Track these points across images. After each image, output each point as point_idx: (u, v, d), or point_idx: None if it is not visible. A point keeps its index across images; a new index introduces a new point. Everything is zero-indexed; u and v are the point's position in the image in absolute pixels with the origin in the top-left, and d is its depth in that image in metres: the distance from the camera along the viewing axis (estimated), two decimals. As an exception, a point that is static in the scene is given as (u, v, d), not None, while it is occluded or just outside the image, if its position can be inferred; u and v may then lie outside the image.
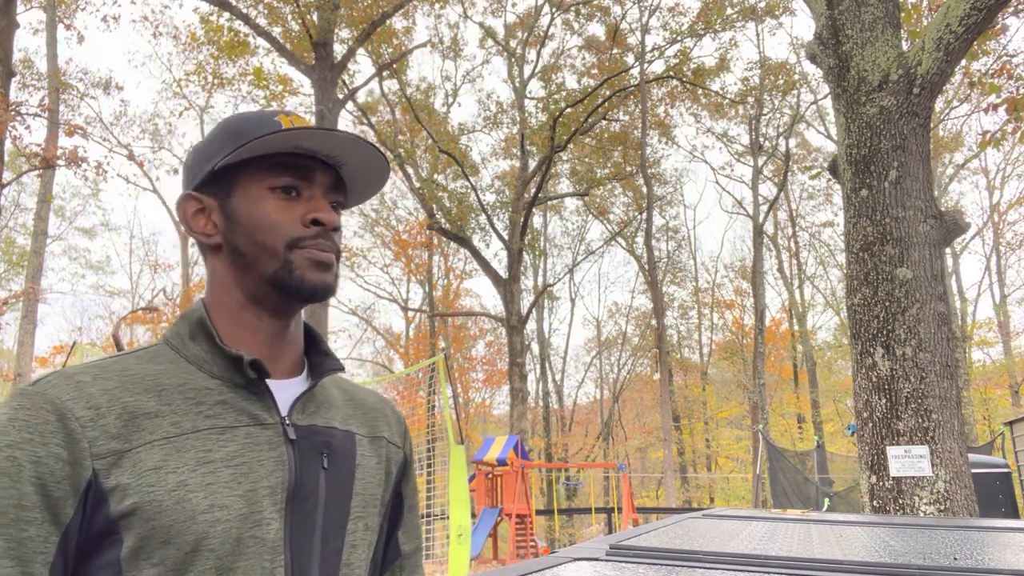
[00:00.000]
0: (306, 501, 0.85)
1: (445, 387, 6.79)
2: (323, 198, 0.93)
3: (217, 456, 0.80)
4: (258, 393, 0.87)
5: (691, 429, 31.52)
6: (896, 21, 5.07)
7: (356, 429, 0.97)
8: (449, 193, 19.86)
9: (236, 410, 0.85)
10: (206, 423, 0.82)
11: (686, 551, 1.24)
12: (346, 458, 0.92)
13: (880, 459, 4.41)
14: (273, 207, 0.90)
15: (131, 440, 0.78)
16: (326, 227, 0.91)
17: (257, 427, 0.85)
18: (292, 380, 0.94)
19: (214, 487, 0.79)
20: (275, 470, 0.84)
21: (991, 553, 1.25)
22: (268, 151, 0.91)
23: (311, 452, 0.88)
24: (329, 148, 0.92)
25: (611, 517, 14.52)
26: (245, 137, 0.89)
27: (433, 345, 28.12)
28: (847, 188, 4.96)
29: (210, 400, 0.84)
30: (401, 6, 14.29)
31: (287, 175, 0.91)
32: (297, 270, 0.89)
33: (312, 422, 0.91)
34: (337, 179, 0.96)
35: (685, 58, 20.52)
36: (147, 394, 0.81)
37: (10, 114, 9.69)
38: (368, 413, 1.02)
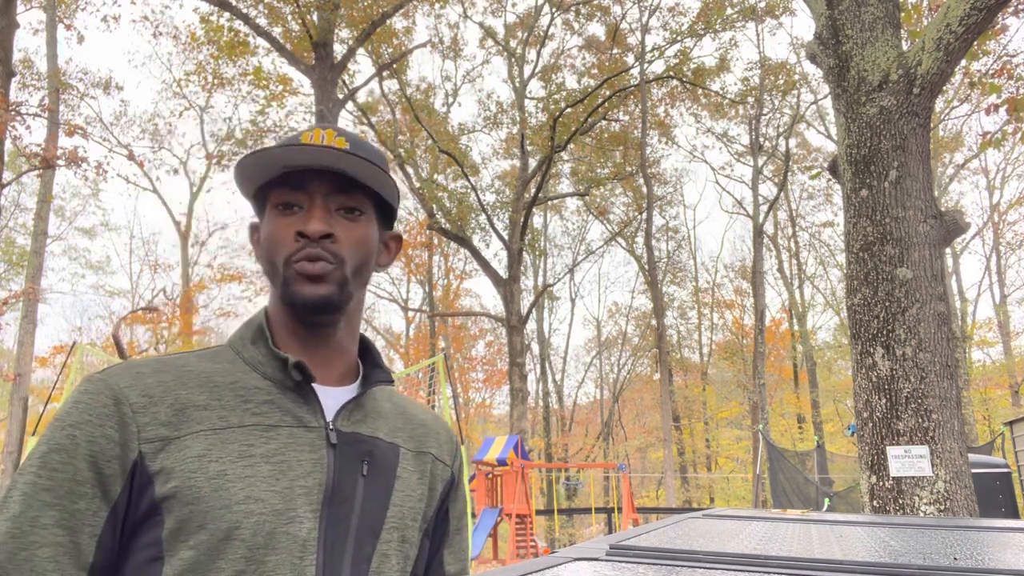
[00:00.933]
0: (342, 504, 0.87)
1: (445, 387, 6.79)
2: (319, 207, 0.93)
3: (258, 451, 0.84)
4: (305, 397, 0.91)
5: (691, 429, 31.52)
6: (896, 21, 5.07)
7: (402, 443, 0.99)
8: (449, 193, 19.86)
9: (282, 410, 0.89)
10: (252, 419, 0.86)
11: (686, 551, 1.24)
12: (386, 468, 0.94)
13: (880, 459, 4.41)
14: (276, 225, 0.94)
15: (180, 428, 0.83)
16: (311, 237, 0.91)
17: (301, 428, 0.88)
18: (342, 388, 0.97)
19: (252, 480, 0.82)
20: (313, 471, 0.86)
21: (991, 553, 1.25)
22: (266, 177, 0.95)
23: (352, 458, 0.91)
24: (314, 161, 0.92)
25: (611, 517, 14.52)
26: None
27: (433, 345, 28.13)
28: (847, 188, 4.96)
29: (258, 399, 0.88)
30: (401, 6, 14.29)
31: (283, 192, 0.94)
32: (292, 285, 0.91)
33: (356, 430, 0.93)
34: (343, 182, 0.95)
35: (685, 58, 20.52)
36: (200, 388, 0.87)
37: (10, 114, 9.69)
38: (418, 429, 1.03)
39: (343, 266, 0.94)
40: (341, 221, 0.95)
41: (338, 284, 0.93)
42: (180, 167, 27.05)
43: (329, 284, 0.92)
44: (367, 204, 0.98)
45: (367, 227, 0.98)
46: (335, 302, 0.93)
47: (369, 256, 0.98)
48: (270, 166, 0.93)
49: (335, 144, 0.95)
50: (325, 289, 0.92)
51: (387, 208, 1.03)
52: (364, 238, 0.97)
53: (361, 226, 0.97)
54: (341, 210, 0.95)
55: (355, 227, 0.96)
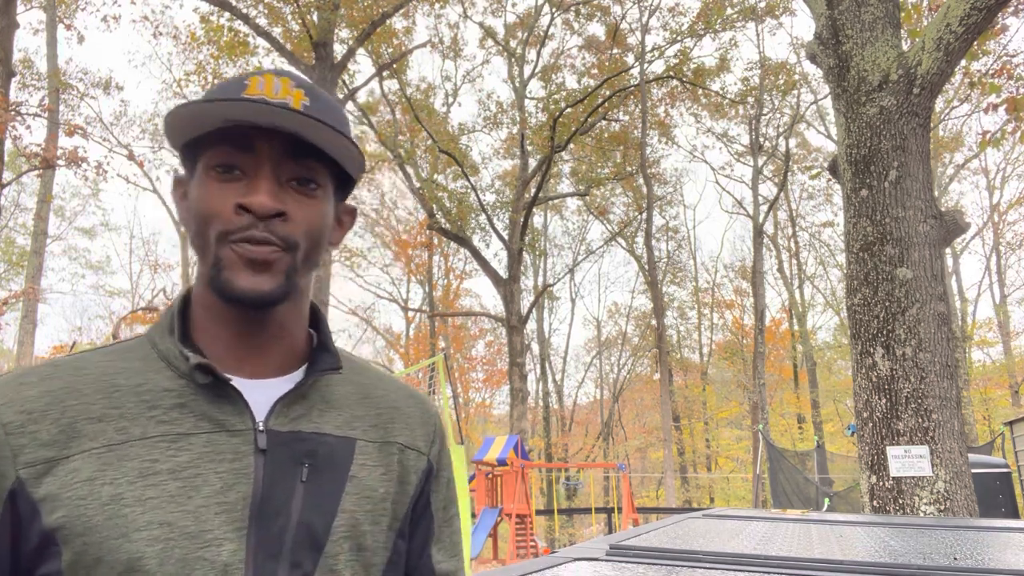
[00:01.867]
0: (275, 519, 0.74)
1: (445, 387, 6.79)
2: (269, 176, 0.77)
3: (164, 467, 0.71)
4: (227, 396, 0.76)
5: (691, 429, 31.52)
6: (896, 21, 5.07)
7: (360, 435, 0.84)
8: (449, 193, 19.86)
9: (197, 415, 0.75)
10: (157, 429, 0.73)
11: (686, 551, 1.24)
12: (335, 469, 0.80)
13: (880, 459, 4.41)
14: (211, 192, 0.77)
15: (68, 447, 0.70)
16: (258, 215, 0.75)
17: (222, 434, 0.75)
18: (282, 379, 0.82)
19: (156, 501, 0.70)
20: (236, 483, 0.73)
21: (991, 553, 1.25)
22: (201, 129, 0.78)
23: (287, 463, 0.77)
24: (262, 119, 0.76)
25: (611, 517, 14.53)
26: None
27: (433, 345, 28.13)
28: (847, 188, 4.96)
29: (167, 403, 0.75)
30: (401, 6, 14.30)
31: (223, 149, 0.78)
32: (225, 270, 0.76)
33: (296, 428, 0.79)
34: (299, 146, 0.78)
35: (685, 58, 20.52)
36: (96, 396, 0.73)
37: (10, 114, 9.70)
38: (384, 414, 0.88)
39: (294, 253, 0.78)
40: (293, 195, 0.79)
41: (285, 275, 0.78)
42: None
43: (274, 275, 0.77)
44: (324, 175, 0.82)
45: (323, 203, 0.82)
46: (279, 296, 0.77)
47: (323, 238, 0.83)
48: (209, 118, 0.76)
49: (291, 99, 0.78)
50: (269, 282, 0.76)
51: (345, 178, 0.87)
52: (319, 216, 0.81)
53: (317, 202, 0.81)
54: (293, 181, 0.79)
55: (310, 204, 0.80)
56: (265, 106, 0.74)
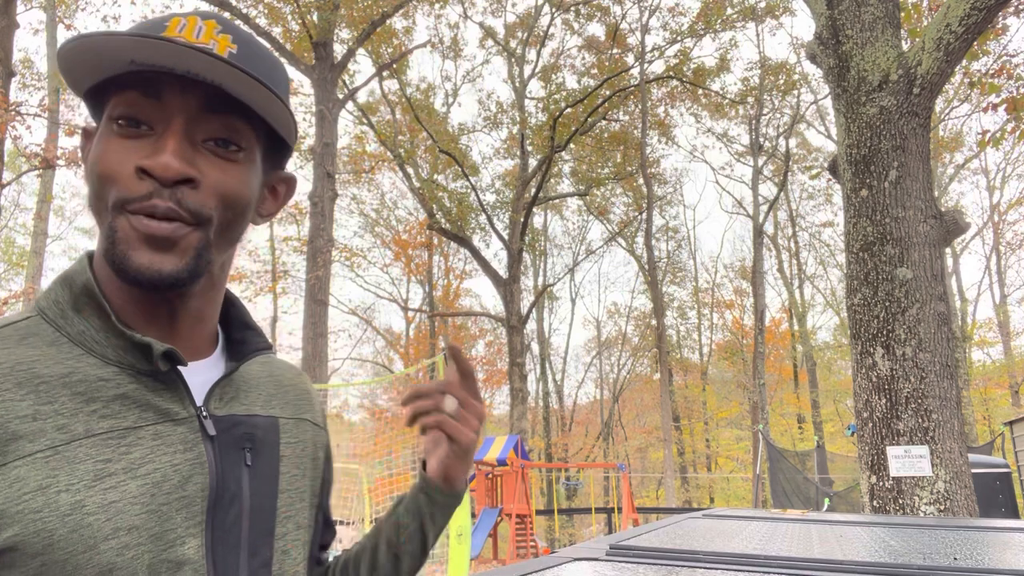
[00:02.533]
0: (229, 509, 0.70)
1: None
2: (179, 132, 0.67)
3: (118, 467, 0.64)
4: (167, 381, 0.69)
5: (691, 429, 31.52)
6: (896, 21, 5.07)
7: (279, 412, 0.81)
8: (449, 193, 19.86)
9: (140, 405, 0.67)
10: (102, 425, 0.64)
11: (686, 551, 1.24)
12: (270, 450, 0.77)
13: (880, 459, 4.41)
14: (110, 148, 0.67)
15: (4, 454, 0.60)
16: (162, 181, 0.65)
17: (167, 424, 0.68)
18: (203, 361, 0.75)
19: (118, 505, 0.62)
20: (192, 475, 0.68)
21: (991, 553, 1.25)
22: (102, 75, 0.67)
23: (232, 448, 0.72)
24: (178, 63, 0.65)
25: (611, 517, 14.52)
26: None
27: (433, 345, 28.13)
28: (847, 188, 4.96)
29: (106, 395, 0.66)
30: (401, 6, 14.30)
31: (128, 97, 0.67)
32: (119, 244, 0.65)
33: (231, 411, 0.74)
34: (217, 99, 0.68)
35: (685, 58, 20.53)
36: (20, 390, 0.62)
37: (10, 114, 9.70)
38: (290, 391, 0.86)
39: (205, 228, 0.68)
40: (209, 158, 0.68)
41: (194, 254, 0.67)
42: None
43: (179, 254, 0.67)
44: (249, 136, 0.71)
45: (246, 168, 0.71)
46: (184, 279, 0.67)
47: (246, 209, 0.72)
48: (112, 59, 0.65)
49: (215, 44, 0.68)
50: (172, 263, 0.66)
51: (278, 142, 0.76)
52: (240, 184, 0.70)
53: (238, 167, 0.70)
54: (211, 141, 0.69)
55: (229, 168, 0.69)
56: (180, 47, 0.63)
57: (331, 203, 12.95)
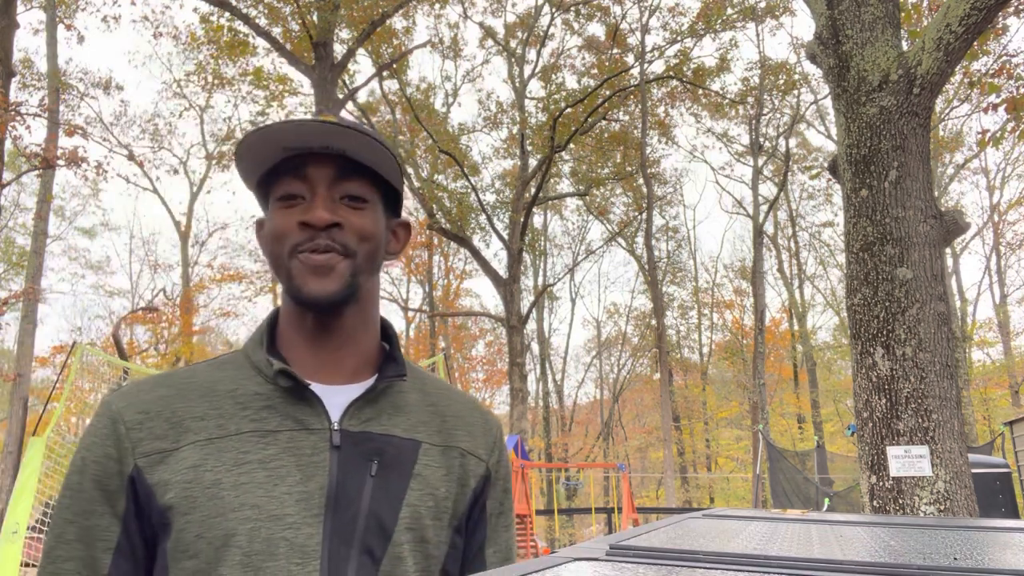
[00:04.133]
0: (347, 508, 0.85)
1: (445, 387, 6.79)
2: (324, 195, 0.90)
3: (254, 458, 0.83)
4: (307, 399, 0.88)
5: (691, 429, 31.51)
6: (896, 21, 5.07)
7: (425, 437, 0.94)
8: (449, 193, 19.86)
9: (282, 415, 0.87)
10: (250, 426, 0.85)
11: (686, 551, 1.24)
12: (401, 466, 0.90)
13: (880, 459, 4.41)
14: (279, 218, 0.90)
15: (178, 440, 0.84)
16: (315, 227, 0.88)
17: (303, 432, 0.86)
18: (355, 385, 0.93)
19: (247, 487, 0.82)
20: (315, 475, 0.84)
21: (991, 553, 1.25)
22: (266, 163, 0.91)
23: (358, 459, 0.87)
24: (313, 139, 0.89)
25: (611, 517, 14.52)
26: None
27: (433, 345, 28.13)
28: (847, 188, 4.96)
29: (257, 404, 0.87)
30: (401, 6, 14.29)
31: (285, 180, 0.91)
32: (296, 279, 0.89)
33: (366, 429, 0.90)
34: (348, 168, 0.91)
35: (685, 58, 20.52)
36: (200, 399, 0.87)
37: (10, 114, 9.69)
38: (448, 421, 0.98)
39: (353, 257, 0.90)
40: (345, 210, 0.91)
41: (348, 277, 0.90)
42: (180, 167, 27.03)
43: (336, 278, 0.89)
44: (372, 192, 0.94)
45: (373, 214, 0.93)
46: (343, 296, 0.90)
47: (379, 246, 0.94)
48: (270, 151, 0.90)
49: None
50: (332, 284, 0.88)
51: (392, 195, 0.99)
52: (370, 226, 0.93)
53: (368, 215, 0.93)
54: (345, 199, 0.91)
55: (362, 215, 0.92)
56: (314, 124, 0.86)
57: (331, 203, 12.92)
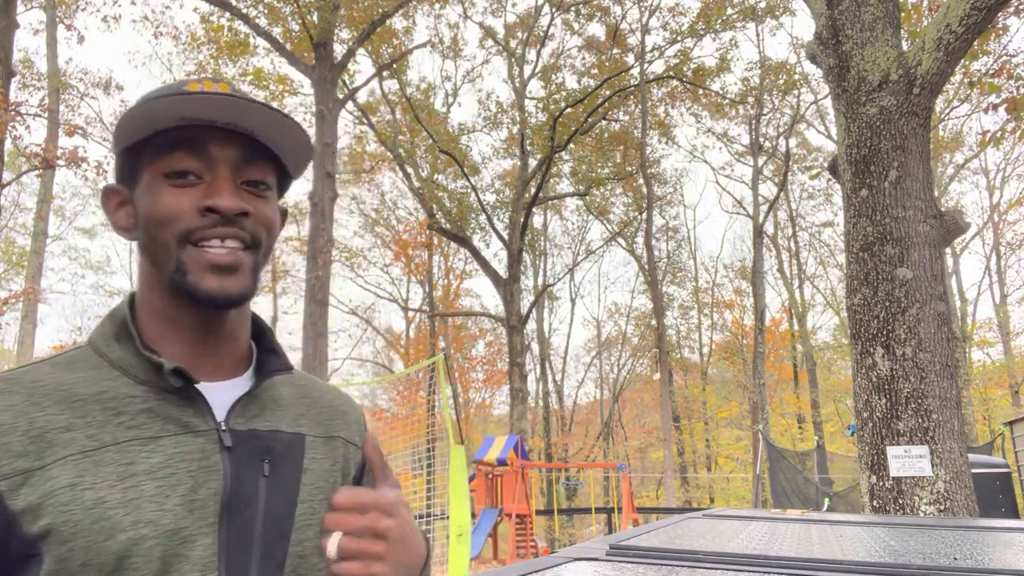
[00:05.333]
0: (243, 512, 0.78)
1: (445, 387, 6.79)
2: (227, 178, 0.80)
3: (140, 468, 0.74)
4: (189, 398, 0.80)
5: (691, 429, 31.52)
6: (896, 21, 5.07)
7: (307, 430, 0.89)
8: (449, 193, 19.86)
9: (163, 418, 0.78)
10: (128, 434, 0.75)
11: (686, 551, 1.24)
12: (291, 463, 0.85)
13: (880, 459, 4.41)
14: (168, 197, 0.79)
15: (42, 457, 0.72)
16: (224, 214, 0.78)
17: (188, 435, 0.78)
18: (232, 381, 0.86)
19: (137, 502, 0.73)
20: (207, 481, 0.77)
21: (991, 553, 1.25)
22: (153, 129, 0.80)
23: (250, 459, 0.81)
24: (220, 114, 0.79)
25: (611, 517, 14.52)
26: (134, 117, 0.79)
27: (433, 345, 28.13)
28: (847, 188, 4.96)
29: (132, 409, 0.77)
30: (401, 6, 14.30)
31: (177, 155, 0.79)
32: (190, 274, 0.79)
33: (253, 426, 0.83)
34: (253, 150, 0.82)
35: (685, 58, 20.52)
36: (58, 407, 0.75)
37: (10, 114, 9.70)
38: (324, 412, 0.94)
39: (256, 251, 0.82)
40: (249, 197, 0.82)
41: (251, 274, 0.82)
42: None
43: (242, 277, 0.80)
44: (272, 176, 0.86)
45: (273, 203, 0.85)
46: (247, 298, 0.81)
47: (276, 234, 0.86)
48: (162, 118, 0.78)
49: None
50: (238, 284, 0.80)
51: (284, 179, 0.90)
52: (273, 216, 0.85)
53: (269, 203, 0.84)
54: (245, 184, 0.82)
55: (266, 204, 0.84)
56: (225, 98, 0.76)
57: (331, 203, 12.95)
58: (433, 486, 7.75)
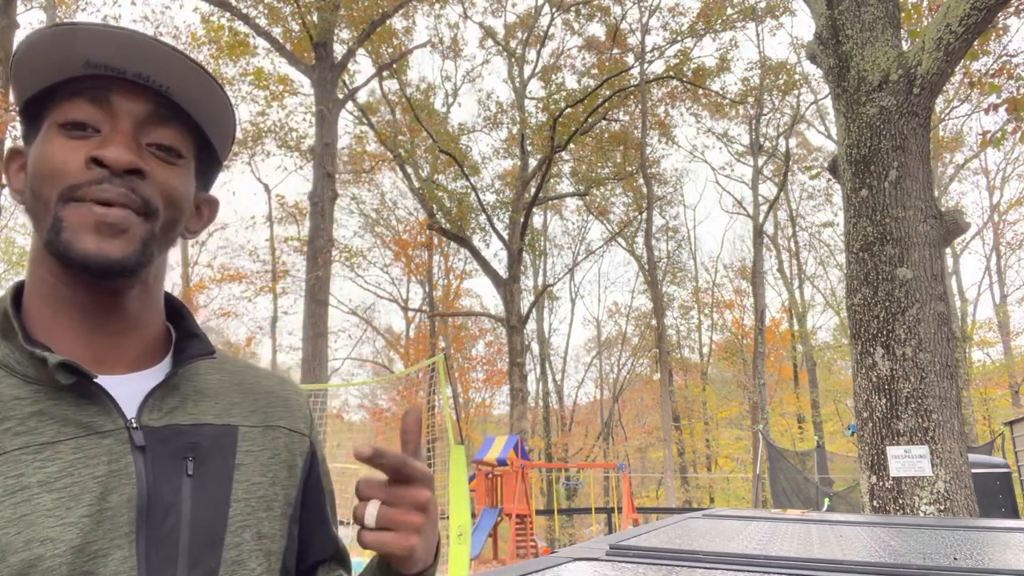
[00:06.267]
0: (164, 519, 0.69)
1: (445, 387, 6.79)
2: (126, 132, 0.70)
3: (33, 480, 0.64)
4: (89, 395, 0.69)
5: (691, 429, 31.52)
6: (896, 21, 5.08)
7: (240, 420, 0.79)
8: (449, 193, 19.86)
9: (59, 420, 0.67)
10: (16, 442, 0.65)
11: (686, 551, 1.24)
12: (220, 459, 0.75)
13: (880, 459, 4.41)
14: (56, 147, 0.70)
15: None
16: (113, 168, 0.68)
17: (91, 437, 0.68)
18: (143, 372, 0.75)
19: (30, 518, 0.63)
20: (118, 487, 0.67)
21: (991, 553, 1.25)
22: (55, 77, 0.71)
23: (169, 458, 0.71)
24: (129, 62, 0.70)
25: (611, 517, 14.53)
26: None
27: (433, 345, 28.13)
28: (847, 188, 4.96)
29: (21, 413, 0.66)
30: (401, 6, 14.30)
31: (76, 103, 0.70)
32: (65, 231, 0.68)
33: (172, 421, 0.73)
34: (166, 109, 0.73)
35: (685, 58, 20.53)
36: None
37: (10, 114, 9.70)
38: (261, 399, 0.84)
39: (152, 220, 0.71)
40: (154, 161, 0.72)
41: (141, 242, 0.70)
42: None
43: (128, 240, 0.69)
44: (189, 147, 0.76)
45: (186, 175, 0.75)
46: (131, 266, 0.70)
47: (184, 213, 0.76)
48: (67, 61, 0.69)
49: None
50: (120, 248, 0.68)
51: (208, 160, 0.81)
52: (184, 187, 0.75)
53: (181, 172, 0.74)
54: (153, 147, 0.72)
55: (173, 172, 0.73)
56: (141, 39, 0.68)
57: (331, 203, 12.95)
58: (433, 486, 7.75)
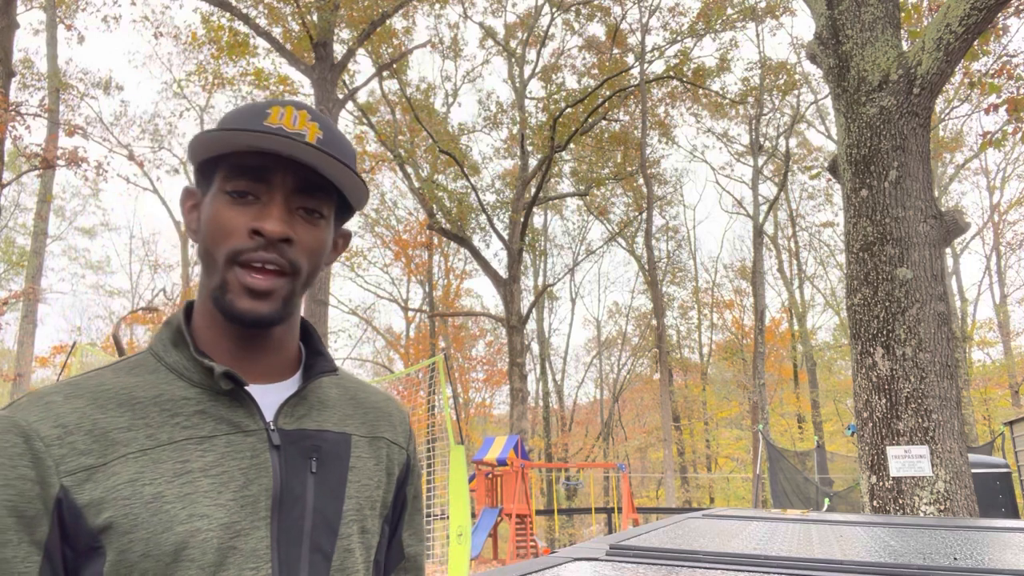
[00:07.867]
0: (293, 507, 0.84)
1: (445, 387, 6.79)
2: (280, 205, 0.85)
3: (195, 466, 0.80)
4: (240, 400, 0.85)
5: (691, 429, 31.51)
6: (896, 21, 5.07)
7: (353, 430, 0.95)
8: (449, 193, 19.85)
9: (216, 419, 0.83)
10: (183, 434, 0.81)
11: (686, 551, 1.24)
12: (338, 461, 0.90)
13: (880, 459, 4.41)
14: (225, 213, 0.85)
15: (105, 455, 0.77)
16: (268, 239, 0.83)
17: (239, 435, 0.83)
18: (281, 383, 0.91)
19: (193, 497, 0.78)
20: (258, 477, 0.82)
21: (991, 553, 1.25)
22: (225, 150, 0.85)
23: (298, 457, 0.86)
24: (289, 153, 0.84)
25: (611, 517, 14.53)
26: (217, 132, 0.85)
27: (433, 345, 28.12)
28: (847, 188, 4.96)
29: (188, 411, 0.83)
30: (401, 6, 14.29)
31: (241, 177, 0.85)
32: (229, 293, 0.84)
33: (301, 426, 0.89)
34: (310, 180, 0.87)
35: (685, 58, 20.52)
36: (120, 409, 0.80)
37: (10, 114, 9.69)
38: (369, 413, 0.99)
39: (295, 277, 0.87)
40: (300, 222, 0.87)
41: (283, 300, 0.86)
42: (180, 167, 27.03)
43: (274, 302, 0.85)
44: (329, 206, 0.90)
45: (325, 231, 0.90)
46: (276, 321, 0.86)
47: (321, 262, 0.91)
48: (236, 143, 0.84)
49: (307, 131, 0.86)
50: (268, 307, 0.84)
51: (346, 209, 0.96)
52: (321, 243, 0.90)
53: (320, 230, 0.89)
54: (301, 210, 0.87)
55: (314, 231, 0.88)
56: (286, 139, 0.81)
57: (331, 203, 12.92)
58: (433, 486, 7.74)
